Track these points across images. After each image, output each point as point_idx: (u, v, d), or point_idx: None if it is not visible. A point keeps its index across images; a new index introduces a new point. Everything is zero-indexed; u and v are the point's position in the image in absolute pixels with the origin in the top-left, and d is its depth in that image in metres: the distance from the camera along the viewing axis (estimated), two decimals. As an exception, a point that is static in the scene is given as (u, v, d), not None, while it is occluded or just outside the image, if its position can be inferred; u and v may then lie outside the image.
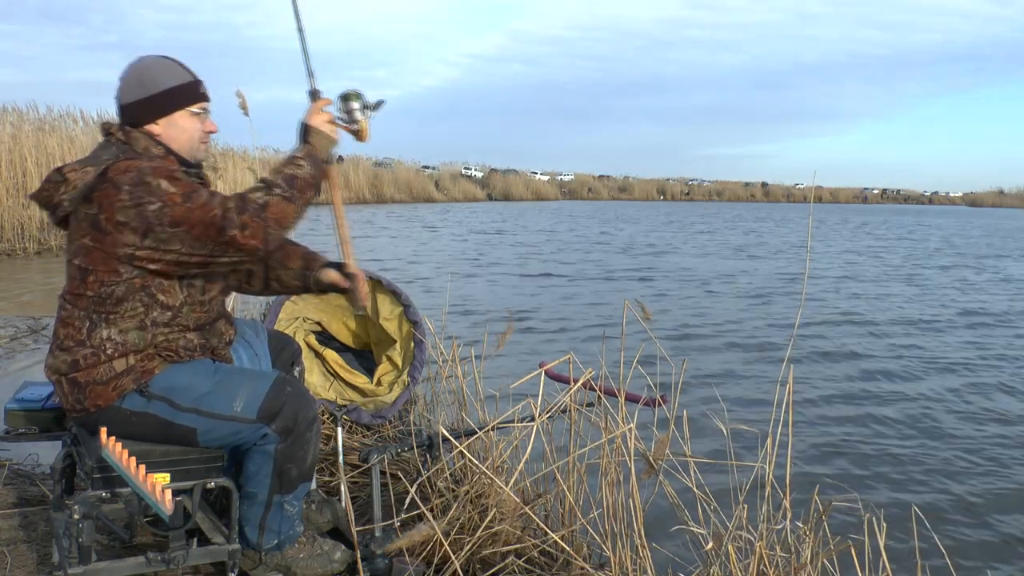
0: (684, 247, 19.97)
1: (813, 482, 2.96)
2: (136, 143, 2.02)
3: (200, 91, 2.10)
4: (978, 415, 5.66)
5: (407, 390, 3.50)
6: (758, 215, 43.32)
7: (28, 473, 3.04)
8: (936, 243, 24.68)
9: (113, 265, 1.92)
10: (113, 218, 1.88)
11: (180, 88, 2.05)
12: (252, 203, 1.91)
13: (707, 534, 2.11)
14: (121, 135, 2.03)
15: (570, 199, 61.36)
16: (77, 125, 15.01)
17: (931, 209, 76.59)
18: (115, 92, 2.06)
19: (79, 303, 1.97)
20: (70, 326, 1.98)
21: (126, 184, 1.87)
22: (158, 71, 2.04)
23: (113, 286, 1.94)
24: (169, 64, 2.07)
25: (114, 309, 1.95)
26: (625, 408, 2.34)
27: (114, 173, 1.90)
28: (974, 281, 14.15)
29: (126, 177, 1.88)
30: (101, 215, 1.89)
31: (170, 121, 2.05)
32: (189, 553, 2.04)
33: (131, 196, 1.86)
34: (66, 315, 2.00)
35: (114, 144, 2.01)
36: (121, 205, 1.87)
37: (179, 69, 2.07)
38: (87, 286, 1.94)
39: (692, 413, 2.34)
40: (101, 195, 1.89)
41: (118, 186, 1.87)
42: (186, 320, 2.04)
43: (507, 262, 14.80)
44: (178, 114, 2.05)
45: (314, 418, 2.13)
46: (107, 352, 1.96)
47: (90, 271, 1.93)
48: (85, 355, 1.95)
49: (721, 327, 8.69)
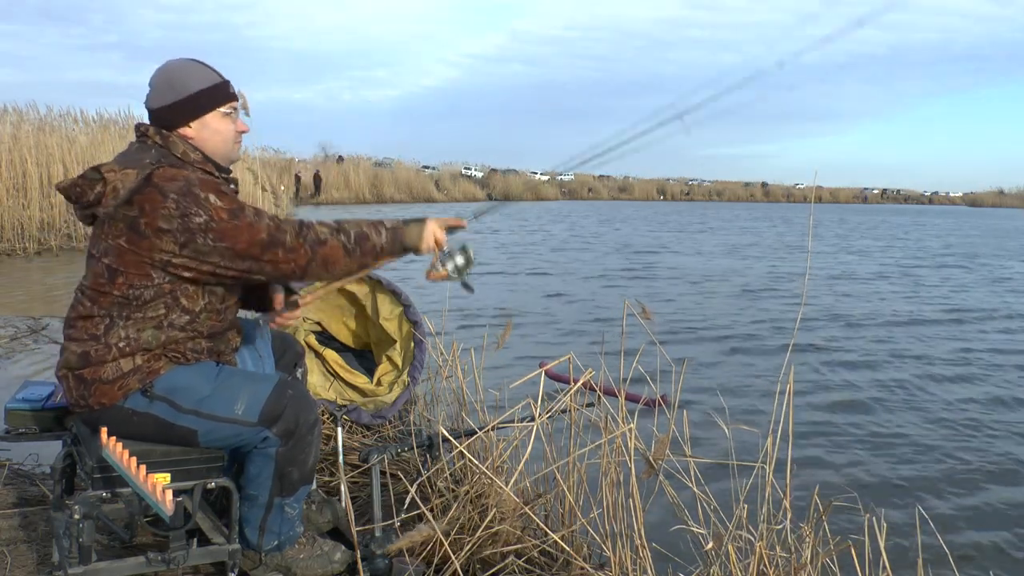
0: (683, 247, 19.98)
1: (813, 482, 2.96)
2: (174, 147, 2.01)
3: (229, 91, 2.09)
4: (979, 414, 5.66)
5: (407, 390, 3.50)
6: (756, 215, 43.34)
7: (28, 473, 3.04)
8: (935, 243, 24.69)
9: (146, 270, 1.92)
10: (155, 224, 1.87)
11: (210, 90, 2.04)
12: (312, 233, 1.95)
13: (707, 534, 2.11)
14: (158, 139, 2.02)
15: (570, 199, 61.35)
16: (77, 125, 15.02)
17: (930, 209, 76.69)
18: (144, 98, 2.06)
19: (102, 300, 1.96)
20: (88, 320, 1.97)
21: (173, 192, 1.87)
22: (187, 74, 2.04)
23: (143, 289, 1.94)
24: (197, 66, 2.07)
25: (137, 311, 1.95)
26: (625, 408, 2.34)
27: (160, 180, 1.89)
28: (969, 280, 14.15)
29: (173, 185, 1.88)
30: (142, 219, 1.88)
31: (203, 123, 2.04)
32: (189, 553, 2.04)
33: (177, 206, 1.86)
34: (85, 311, 1.98)
35: (152, 147, 2.00)
36: (166, 213, 1.86)
37: (207, 71, 2.07)
38: (115, 286, 1.94)
39: (692, 413, 2.34)
40: (144, 199, 1.88)
41: (164, 193, 1.87)
42: (202, 326, 2.05)
43: (508, 262, 14.81)
44: (209, 116, 2.04)
45: (315, 421, 2.13)
46: (119, 347, 1.96)
47: (120, 272, 1.93)
48: (97, 349, 1.95)
49: (721, 327, 8.69)
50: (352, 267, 2.02)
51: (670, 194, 75.48)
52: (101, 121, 15.28)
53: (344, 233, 1.99)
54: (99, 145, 13.79)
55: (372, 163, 46.06)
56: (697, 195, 78.88)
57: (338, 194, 37.42)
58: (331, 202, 35.88)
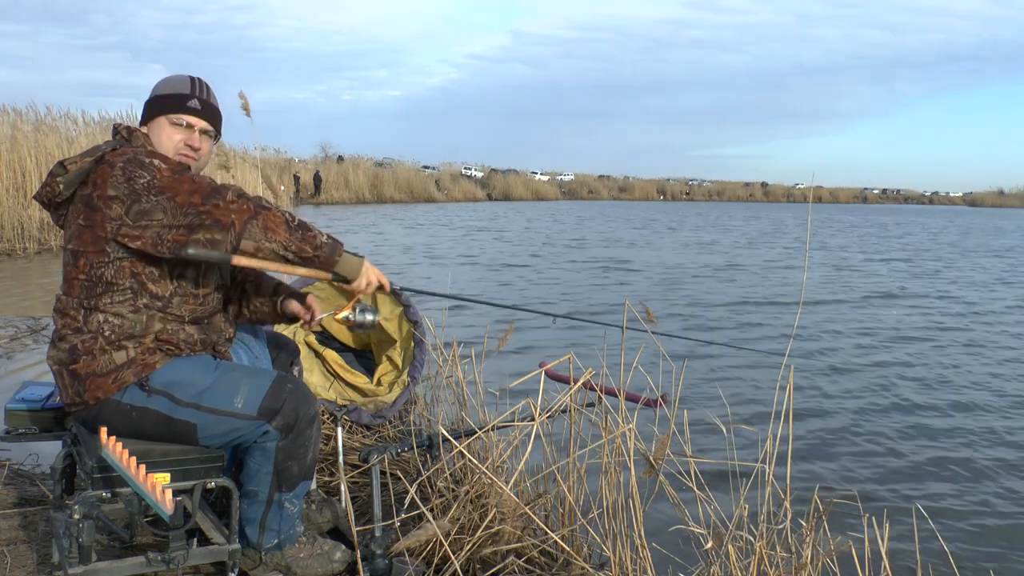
0: (682, 247, 19.97)
1: (813, 482, 2.96)
2: (135, 139, 2.13)
3: (186, 104, 2.16)
4: (980, 415, 5.66)
5: (407, 390, 3.50)
6: (753, 215, 43.33)
7: (28, 473, 3.04)
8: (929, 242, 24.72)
9: (101, 245, 1.96)
10: (105, 193, 1.93)
11: (166, 97, 2.16)
12: (258, 199, 1.97)
13: (707, 534, 2.11)
14: (125, 132, 2.14)
15: (570, 199, 61.35)
16: (77, 125, 15.02)
17: (928, 209, 76.79)
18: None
19: (72, 291, 2.01)
20: (66, 315, 2.01)
21: (120, 162, 1.95)
22: (165, 81, 2.20)
23: (102, 268, 1.97)
24: (175, 78, 2.20)
25: (105, 292, 1.97)
26: (625, 408, 2.34)
27: (110, 156, 1.99)
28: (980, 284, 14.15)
29: (121, 158, 1.97)
30: (94, 192, 1.95)
31: (154, 125, 2.15)
32: (189, 553, 2.04)
33: (123, 172, 1.93)
34: (61, 305, 2.03)
35: (116, 140, 2.11)
36: (114, 181, 1.93)
37: (178, 82, 2.18)
38: (79, 269, 1.99)
39: (692, 413, 2.34)
40: (96, 176, 1.96)
41: (112, 165, 1.95)
42: (178, 310, 2.05)
43: (506, 262, 14.81)
44: (161, 119, 2.15)
45: (314, 415, 2.13)
46: (105, 335, 1.97)
47: (81, 253, 1.98)
48: (83, 340, 1.97)
49: (721, 327, 8.69)
50: (290, 245, 1.94)
51: (670, 194, 75.48)
52: (103, 122, 15.30)
53: (291, 216, 1.99)
54: (99, 145, 13.77)
55: (372, 163, 46.06)
56: (697, 195, 78.88)
57: (338, 194, 37.41)
58: (331, 202, 35.87)
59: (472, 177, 56.87)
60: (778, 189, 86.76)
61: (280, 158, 38.30)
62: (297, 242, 1.95)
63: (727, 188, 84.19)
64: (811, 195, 3.69)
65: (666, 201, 69.42)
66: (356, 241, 17.94)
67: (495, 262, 14.96)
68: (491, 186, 55.24)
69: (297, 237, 1.95)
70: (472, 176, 57.69)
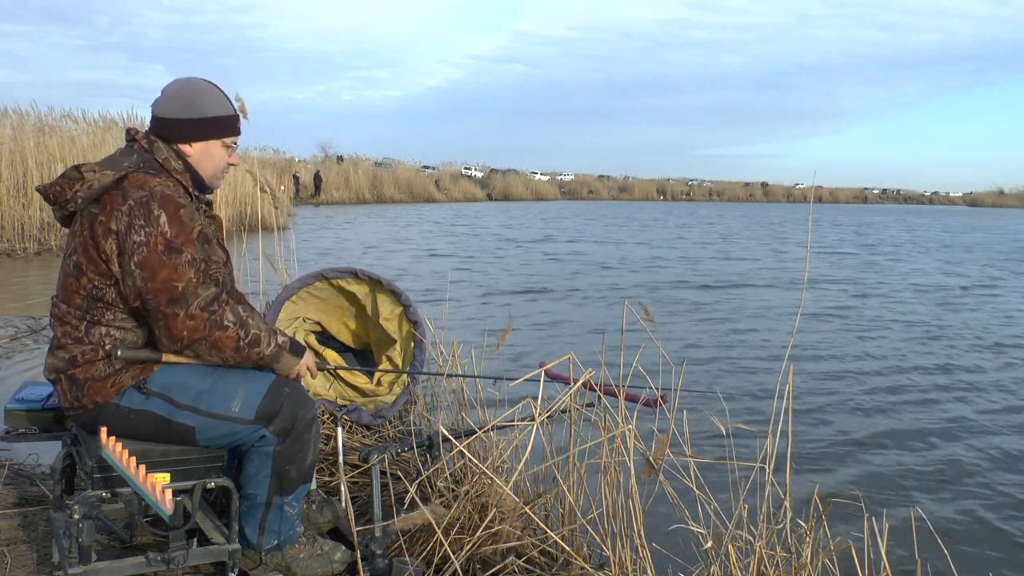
0: (681, 246, 19.98)
1: (813, 482, 2.96)
2: (158, 152, 2.05)
3: (237, 126, 2.17)
4: (980, 414, 5.66)
5: (407, 390, 3.50)
6: (753, 215, 43.34)
7: (28, 473, 3.04)
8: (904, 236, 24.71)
9: (102, 267, 1.95)
10: (107, 223, 1.92)
11: (223, 119, 2.12)
12: (219, 314, 1.95)
13: (707, 534, 2.11)
14: (145, 143, 2.06)
15: (570, 199, 61.33)
16: (78, 125, 15.02)
17: (926, 209, 76.78)
18: (154, 102, 2.10)
19: (73, 301, 1.99)
20: (67, 324, 2.00)
21: (132, 199, 1.91)
22: (206, 97, 2.10)
23: (105, 289, 1.96)
24: (216, 92, 2.13)
25: (108, 309, 1.97)
26: (625, 408, 2.34)
27: (129, 184, 1.94)
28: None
29: (136, 193, 1.92)
30: (100, 216, 1.93)
31: (205, 147, 2.11)
32: (189, 553, 2.04)
33: (129, 214, 1.90)
34: (60, 313, 2.01)
35: (136, 152, 2.05)
36: (118, 216, 1.91)
37: (224, 100, 2.14)
38: (80, 285, 1.97)
39: (692, 413, 2.34)
40: (109, 198, 1.94)
41: (125, 196, 1.92)
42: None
43: (508, 262, 14.81)
44: (213, 142, 2.12)
45: (312, 419, 2.13)
46: (106, 348, 1.97)
47: (84, 271, 1.96)
48: (84, 351, 1.97)
49: (720, 326, 8.69)
50: (230, 359, 2.01)
51: (670, 194, 75.46)
52: (103, 122, 15.30)
53: (244, 328, 2.00)
54: (100, 145, 13.77)
55: (372, 163, 46.04)
56: (697, 195, 78.87)
57: (338, 194, 37.38)
58: (331, 202, 35.83)
59: (472, 177, 56.86)
60: (778, 189, 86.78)
61: (280, 158, 38.27)
62: (238, 358, 2.01)
63: (727, 188, 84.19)
64: (811, 195, 3.70)
65: (666, 201, 69.39)
66: (329, 238, 17.98)
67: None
68: (491, 186, 55.22)
69: (241, 355, 2.01)
70: (472, 176, 57.68)
